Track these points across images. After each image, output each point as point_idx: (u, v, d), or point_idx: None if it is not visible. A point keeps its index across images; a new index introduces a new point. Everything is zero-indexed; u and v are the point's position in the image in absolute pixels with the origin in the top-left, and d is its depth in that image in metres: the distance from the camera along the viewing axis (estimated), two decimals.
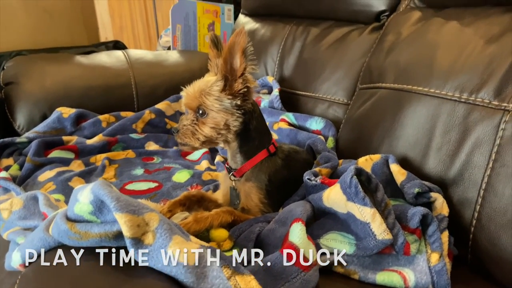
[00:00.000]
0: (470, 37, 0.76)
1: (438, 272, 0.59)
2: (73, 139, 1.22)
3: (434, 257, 0.61)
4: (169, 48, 2.02)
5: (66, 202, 0.88)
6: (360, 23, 1.15)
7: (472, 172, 0.69)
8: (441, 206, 0.69)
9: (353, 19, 1.17)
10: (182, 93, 0.80)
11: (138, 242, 0.54)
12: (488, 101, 0.69)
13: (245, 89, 0.75)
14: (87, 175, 1.06)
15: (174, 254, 0.54)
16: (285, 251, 0.59)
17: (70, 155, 1.16)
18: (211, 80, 0.77)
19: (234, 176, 0.81)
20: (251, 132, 0.78)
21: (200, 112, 0.77)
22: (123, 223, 0.54)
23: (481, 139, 0.68)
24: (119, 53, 1.56)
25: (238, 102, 0.76)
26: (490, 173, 0.66)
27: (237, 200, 0.80)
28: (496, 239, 0.63)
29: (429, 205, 0.70)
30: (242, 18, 1.66)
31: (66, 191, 0.94)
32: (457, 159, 0.71)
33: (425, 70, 0.81)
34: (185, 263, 0.53)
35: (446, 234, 0.65)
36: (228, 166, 0.83)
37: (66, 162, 1.12)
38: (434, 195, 0.70)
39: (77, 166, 1.12)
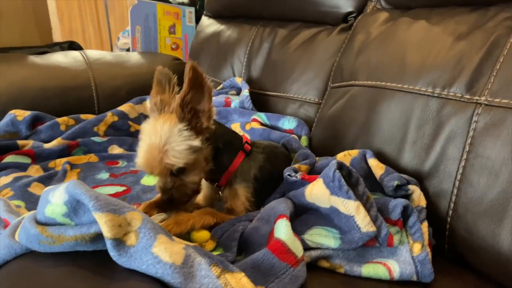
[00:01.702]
0: (439, 35, 0.79)
1: (421, 261, 0.60)
2: (29, 143, 1.14)
3: (417, 247, 0.62)
4: (128, 50, 1.96)
5: (27, 208, 0.82)
6: (327, 24, 1.17)
7: (447, 164, 0.71)
8: (418, 198, 0.71)
9: (321, 20, 1.19)
10: (139, 165, 0.69)
11: (120, 243, 0.51)
12: (460, 95, 0.72)
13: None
14: (47, 180, 0.99)
15: (160, 254, 0.51)
16: (273, 247, 0.58)
17: (27, 160, 1.09)
18: (167, 132, 0.66)
19: (219, 187, 0.78)
20: (222, 147, 0.75)
21: (176, 172, 0.68)
22: (103, 223, 0.50)
23: (455, 132, 0.70)
24: (76, 53, 1.49)
25: (207, 135, 0.70)
26: (465, 164, 0.68)
27: (223, 205, 0.77)
28: (473, 228, 0.65)
29: (407, 197, 0.72)
30: (205, 20, 1.64)
31: (26, 197, 0.87)
32: (432, 152, 0.73)
33: (397, 67, 0.83)
34: (171, 263, 0.50)
35: (425, 224, 0.66)
36: (210, 179, 0.79)
37: (22, 167, 1.04)
38: (411, 187, 0.71)
39: (35, 171, 1.04)
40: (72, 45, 1.77)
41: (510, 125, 0.63)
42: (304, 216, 0.69)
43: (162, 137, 0.66)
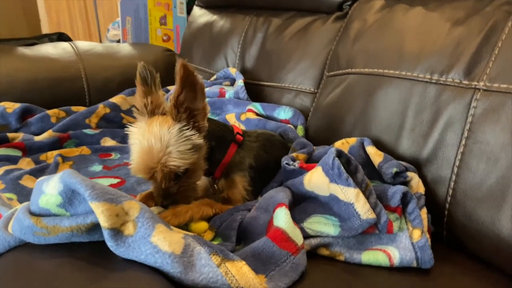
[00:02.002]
0: (437, 21, 0.78)
1: (421, 247, 0.60)
2: (19, 136, 1.12)
3: (416, 234, 0.61)
4: (118, 42, 1.93)
5: (19, 201, 0.81)
6: (322, 13, 1.16)
7: (445, 151, 0.71)
8: (417, 185, 0.70)
9: (315, 9, 1.17)
10: (136, 170, 0.66)
11: (117, 233, 0.50)
12: (458, 81, 0.71)
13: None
14: (39, 173, 0.97)
15: (159, 243, 0.50)
16: (273, 235, 0.57)
17: (17, 153, 1.07)
18: (167, 134, 0.64)
19: (214, 179, 0.77)
20: (215, 145, 0.74)
21: (179, 174, 0.66)
22: (100, 213, 0.49)
23: (453, 118, 0.70)
24: (65, 45, 1.47)
25: (204, 133, 0.69)
26: (464, 150, 0.68)
27: (219, 194, 0.76)
28: (472, 214, 0.65)
29: (405, 184, 0.71)
30: (197, 10, 1.62)
31: (18, 189, 0.85)
32: (430, 138, 0.73)
33: (395, 54, 0.82)
34: (171, 253, 0.49)
35: (424, 211, 0.66)
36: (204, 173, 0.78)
37: (13, 160, 1.02)
38: (410, 174, 0.71)
39: (26, 164, 1.03)
40: (61, 37, 1.74)
41: (509, 110, 0.63)
42: (303, 204, 0.69)
43: (162, 139, 0.63)
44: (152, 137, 0.63)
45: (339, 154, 0.66)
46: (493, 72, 0.67)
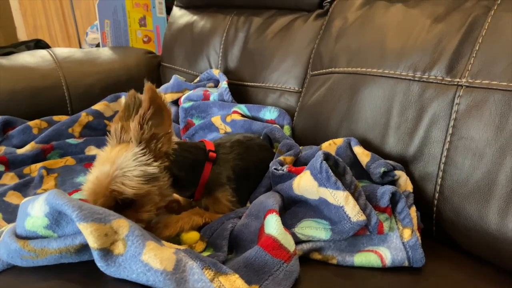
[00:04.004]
0: (417, 18, 0.79)
1: (412, 247, 0.60)
2: (1, 150, 1.09)
3: (407, 233, 0.62)
4: (97, 46, 1.90)
5: (5, 219, 0.79)
6: (303, 11, 1.15)
7: (431, 148, 0.71)
8: (405, 183, 0.71)
9: (296, 6, 1.16)
10: (84, 193, 0.61)
11: (107, 253, 0.50)
12: (441, 78, 0.72)
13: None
14: (23, 188, 0.95)
15: (150, 261, 0.49)
16: (264, 244, 0.57)
17: (0, 168, 1.04)
18: (121, 158, 0.60)
19: (195, 201, 0.76)
20: (183, 170, 0.69)
21: (122, 203, 0.60)
22: (88, 234, 0.48)
23: (438, 115, 0.71)
24: (43, 52, 1.43)
25: (166, 163, 0.64)
26: (449, 147, 0.68)
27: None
28: (460, 209, 0.66)
29: (393, 183, 0.72)
30: (177, 10, 1.60)
31: (3, 207, 0.84)
32: (415, 136, 0.74)
33: (377, 52, 0.82)
34: (162, 270, 0.49)
35: (413, 209, 0.66)
36: (183, 195, 0.76)
37: None
38: (398, 173, 0.71)
39: (9, 179, 1.00)
40: (39, 44, 1.70)
41: (492, 106, 0.64)
42: (293, 208, 0.69)
43: (114, 162, 0.59)
44: (107, 161, 0.60)
45: (327, 157, 0.66)
46: (475, 68, 0.67)
